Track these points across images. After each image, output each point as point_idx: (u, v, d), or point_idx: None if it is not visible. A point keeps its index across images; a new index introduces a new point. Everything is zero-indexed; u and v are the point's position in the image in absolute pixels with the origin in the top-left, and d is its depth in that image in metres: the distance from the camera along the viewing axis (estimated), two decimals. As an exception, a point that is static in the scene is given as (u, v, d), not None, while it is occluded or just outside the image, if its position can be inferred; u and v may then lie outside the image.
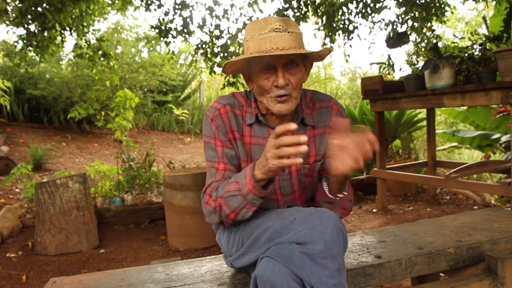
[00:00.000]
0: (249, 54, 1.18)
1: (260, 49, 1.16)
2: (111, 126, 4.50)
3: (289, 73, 1.20)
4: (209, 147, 1.31)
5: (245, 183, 1.14)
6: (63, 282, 1.40)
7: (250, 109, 1.32)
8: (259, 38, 1.17)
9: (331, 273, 1.02)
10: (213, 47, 4.76)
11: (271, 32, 1.16)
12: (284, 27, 1.17)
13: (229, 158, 1.29)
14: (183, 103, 10.24)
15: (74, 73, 7.46)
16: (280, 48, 1.14)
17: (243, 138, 1.31)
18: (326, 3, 4.69)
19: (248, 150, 1.31)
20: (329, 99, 1.38)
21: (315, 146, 1.34)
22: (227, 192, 1.18)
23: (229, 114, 1.30)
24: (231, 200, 1.17)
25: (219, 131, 1.29)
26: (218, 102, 1.33)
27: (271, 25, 1.17)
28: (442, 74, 3.17)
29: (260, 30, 1.18)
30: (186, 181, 3.25)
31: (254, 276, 1.08)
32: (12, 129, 7.17)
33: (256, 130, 1.31)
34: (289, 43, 1.16)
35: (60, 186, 3.27)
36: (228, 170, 1.28)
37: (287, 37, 1.16)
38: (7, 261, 3.09)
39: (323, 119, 1.35)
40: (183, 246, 3.31)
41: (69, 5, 4.18)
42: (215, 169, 1.29)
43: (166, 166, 5.41)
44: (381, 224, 3.65)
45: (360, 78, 8.71)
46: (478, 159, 6.29)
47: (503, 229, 1.62)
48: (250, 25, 1.23)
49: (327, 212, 1.09)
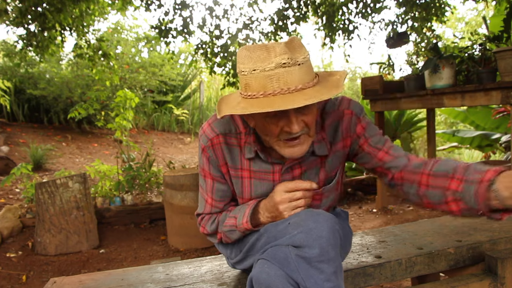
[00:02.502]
0: (255, 106, 0.95)
1: (266, 91, 0.95)
2: (111, 126, 4.50)
3: (302, 113, 1.00)
4: (200, 175, 1.25)
5: (242, 223, 1.15)
6: (63, 282, 1.40)
7: (249, 139, 1.14)
8: (263, 76, 0.95)
9: (328, 276, 0.99)
10: (213, 47, 4.76)
11: (278, 68, 0.94)
12: (293, 60, 0.95)
13: (218, 193, 1.23)
14: (183, 103, 10.25)
15: (74, 73, 7.47)
16: (291, 88, 0.94)
17: (242, 172, 1.17)
18: (326, 3, 4.69)
19: (246, 185, 1.19)
20: (337, 106, 1.16)
21: (325, 169, 1.20)
22: (225, 227, 1.21)
23: (222, 146, 1.15)
24: (230, 234, 1.21)
25: (210, 164, 1.19)
26: (212, 129, 1.16)
27: (276, 58, 0.94)
28: (442, 74, 3.17)
29: (263, 62, 0.95)
30: (186, 181, 3.25)
31: (250, 278, 1.07)
32: (12, 129, 7.17)
33: (257, 165, 1.16)
34: (299, 80, 0.95)
35: (60, 186, 3.27)
36: (215, 207, 1.25)
37: (298, 72, 0.95)
38: (7, 261, 3.09)
39: (334, 137, 1.17)
40: (183, 246, 3.31)
41: (69, 5, 4.18)
42: (203, 200, 1.26)
43: (166, 166, 5.41)
44: (381, 224, 3.65)
45: (360, 78, 8.71)
46: (478, 159, 6.29)
47: (503, 229, 1.62)
48: (246, 52, 0.99)
49: (323, 214, 1.05)
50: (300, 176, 1.18)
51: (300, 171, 1.17)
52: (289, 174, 1.17)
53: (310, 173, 1.18)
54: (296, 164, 1.16)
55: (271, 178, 1.17)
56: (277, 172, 1.16)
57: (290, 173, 1.17)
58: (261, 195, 1.19)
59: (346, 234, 1.30)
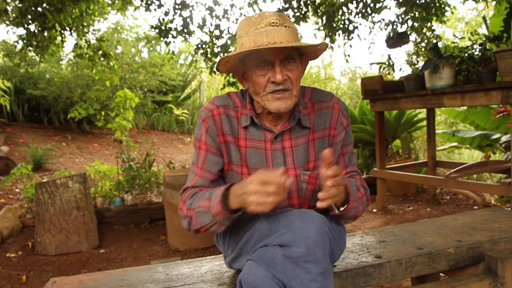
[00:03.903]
0: (245, 48, 1.12)
1: (256, 44, 1.10)
2: (111, 126, 4.50)
3: (286, 68, 1.15)
4: (195, 150, 1.28)
5: (215, 204, 1.12)
6: (63, 282, 1.40)
7: (245, 111, 1.25)
8: (255, 33, 1.12)
9: (314, 276, 0.99)
10: (213, 47, 4.76)
11: (268, 26, 1.11)
12: (281, 22, 1.12)
13: (209, 163, 1.25)
14: (183, 103, 10.25)
15: (74, 73, 7.46)
16: (278, 42, 1.09)
17: (238, 141, 1.25)
18: (326, 3, 4.69)
19: (243, 154, 1.25)
20: (330, 98, 1.30)
21: (315, 150, 1.27)
22: (198, 208, 1.18)
23: (222, 116, 1.24)
24: (201, 216, 1.17)
25: (208, 134, 1.24)
26: (212, 103, 1.27)
27: (267, 19, 1.12)
28: (442, 74, 3.17)
29: (255, 25, 1.13)
30: (186, 181, 3.25)
31: (239, 279, 1.07)
32: (12, 129, 7.17)
33: (251, 133, 1.25)
34: (286, 37, 1.11)
35: (60, 186, 3.27)
36: (202, 177, 1.25)
37: (284, 32, 1.12)
38: (7, 261, 3.09)
39: (323, 121, 1.27)
40: (183, 246, 3.31)
41: (69, 5, 4.17)
42: (193, 173, 1.27)
43: (166, 166, 5.41)
44: (381, 224, 3.65)
45: (360, 78, 8.71)
46: (478, 159, 6.29)
47: (503, 229, 1.62)
48: (244, 21, 1.17)
49: (312, 215, 1.06)
50: (291, 149, 1.25)
51: (290, 144, 1.25)
52: (279, 144, 1.25)
53: (299, 151, 1.25)
54: (286, 134, 1.25)
55: (263, 146, 1.25)
56: (269, 141, 1.24)
57: (280, 143, 1.25)
58: (255, 164, 1.25)
59: (340, 233, 1.31)
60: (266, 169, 1.11)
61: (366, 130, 5.33)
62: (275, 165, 1.25)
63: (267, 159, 1.25)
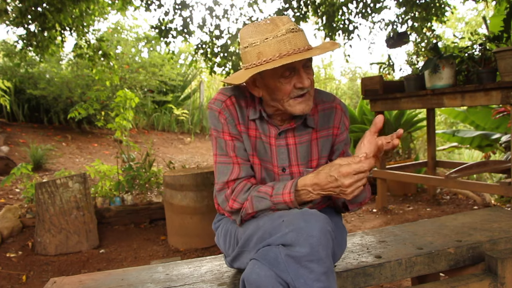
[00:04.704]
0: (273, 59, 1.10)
1: (281, 53, 1.10)
2: (111, 126, 4.50)
3: (306, 72, 1.17)
4: (218, 142, 1.25)
5: (283, 193, 1.14)
6: (63, 282, 1.40)
7: (253, 104, 1.26)
8: (276, 41, 1.11)
9: (317, 276, 0.99)
10: (213, 47, 4.76)
11: (289, 33, 1.11)
12: (297, 26, 1.14)
13: (240, 152, 1.24)
14: (183, 103, 10.25)
15: (74, 73, 7.46)
16: (301, 48, 1.12)
17: (248, 131, 1.26)
18: (326, 3, 4.69)
19: (253, 144, 1.26)
20: (333, 99, 1.34)
21: (318, 149, 1.31)
22: (258, 192, 1.18)
23: (235, 106, 1.25)
24: (257, 201, 1.17)
25: (228, 124, 1.23)
26: (223, 94, 1.26)
27: (284, 25, 1.12)
28: (442, 74, 3.17)
29: (271, 32, 1.12)
30: (186, 181, 3.25)
31: (242, 278, 1.08)
32: (12, 129, 7.17)
33: (259, 126, 1.27)
34: (305, 42, 1.14)
35: (60, 186, 3.27)
36: (243, 164, 1.23)
37: (302, 36, 1.14)
38: (7, 261, 3.09)
39: (326, 121, 1.31)
40: (183, 246, 3.31)
41: (69, 5, 4.18)
42: (228, 165, 1.23)
43: (166, 166, 5.41)
44: (381, 224, 3.65)
45: (360, 78, 8.71)
46: (478, 159, 6.29)
47: (503, 229, 1.62)
48: (251, 27, 1.15)
49: (315, 215, 1.06)
50: (295, 146, 1.28)
51: (294, 141, 1.28)
52: (283, 140, 1.28)
53: (302, 148, 1.29)
54: (290, 131, 1.28)
55: (268, 140, 1.28)
56: (273, 137, 1.27)
57: (284, 140, 1.28)
58: (263, 156, 1.28)
59: (341, 233, 1.32)
60: (342, 158, 1.12)
61: (366, 130, 5.32)
62: (279, 160, 1.28)
63: (272, 153, 1.28)
